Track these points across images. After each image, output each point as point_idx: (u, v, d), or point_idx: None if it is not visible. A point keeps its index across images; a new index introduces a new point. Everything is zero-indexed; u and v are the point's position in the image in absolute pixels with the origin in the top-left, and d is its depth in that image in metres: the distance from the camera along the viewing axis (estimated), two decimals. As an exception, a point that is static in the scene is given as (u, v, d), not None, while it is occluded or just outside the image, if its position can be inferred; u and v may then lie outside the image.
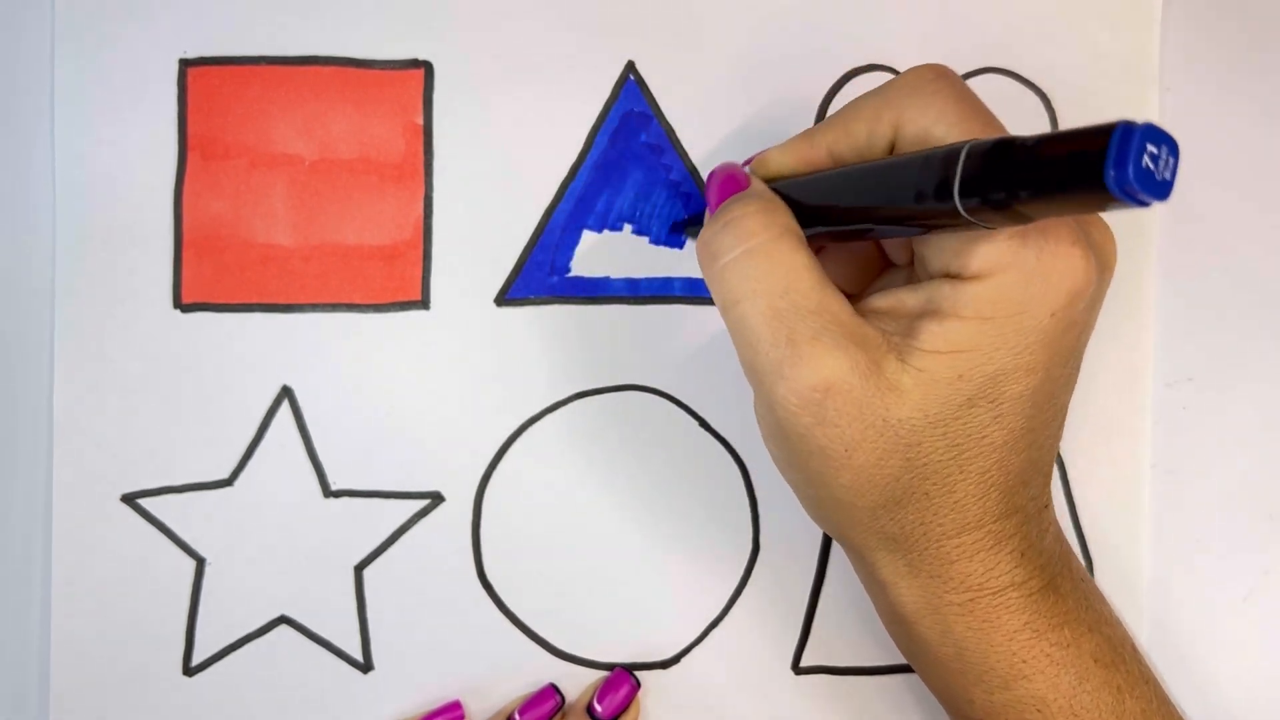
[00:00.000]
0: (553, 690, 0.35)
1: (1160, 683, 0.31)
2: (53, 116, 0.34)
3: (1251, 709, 0.36)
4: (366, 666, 0.35)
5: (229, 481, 0.35)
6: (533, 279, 0.35)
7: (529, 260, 0.35)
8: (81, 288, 0.34)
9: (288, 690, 0.35)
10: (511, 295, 0.35)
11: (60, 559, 0.34)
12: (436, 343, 0.35)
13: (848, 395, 0.26)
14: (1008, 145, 0.22)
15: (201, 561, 0.35)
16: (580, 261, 0.35)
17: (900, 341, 0.26)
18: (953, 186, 0.23)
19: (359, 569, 0.35)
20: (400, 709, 0.35)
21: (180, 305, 0.34)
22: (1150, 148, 0.20)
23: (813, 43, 0.35)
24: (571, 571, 0.35)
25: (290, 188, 0.35)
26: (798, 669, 0.36)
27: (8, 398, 0.35)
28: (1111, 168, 0.20)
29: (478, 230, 0.35)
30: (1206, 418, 0.36)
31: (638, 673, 0.35)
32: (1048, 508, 0.29)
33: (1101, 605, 0.30)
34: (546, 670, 0.35)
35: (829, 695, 0.36)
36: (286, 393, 0.35)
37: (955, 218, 0.24)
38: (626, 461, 0.35)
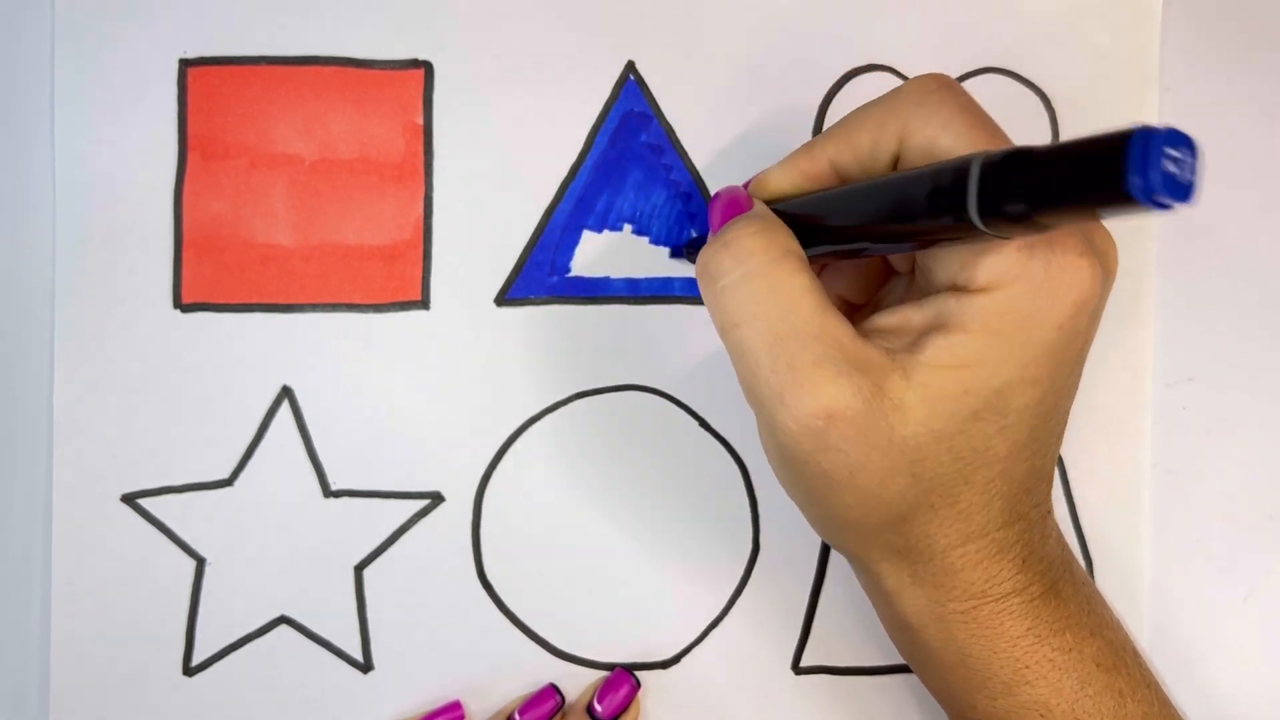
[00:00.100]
0: (553, 690, 0.35)
1: (1161, 685, 0.31)
2: (53, 116, 0.34)
3: (1252, 709, 0.36)
4: (366, 666, 0.35)
5: (229, 481, 0.35)
6: (533, 279, 0.35)
7: (529, 260, 0.35)
8: (81, 288, 0.34)
9: (288, 690, 0.35)
10: (511, 295, 0.35)
11: (60, 559, 0.34)
12: (436, 343, 0.35)
13: (851, 421, 0.25)
14: (1024, 156, 0.22)
15: (201, 561, 0.35)
16: (580, 261, 0.35)
17: (905, 358, 0.26)
18: (966, 200, 0.23)
19: (359, 569, 0.35)
20: (400, 709, 0.35)
21: (180, 305, 0.34)
22: (1171, 151, 0.19)
23: (813, 43, 0.35)
24: (571, 571, 0.35)
25: (290, 188, 0.35)
26: (798, 669, 0.36)
27: (8, 398, 0.35)
28: (1136, 174, 0.19)
29: (478, 230, 0.35)
30: (1206, 418, 0.36)
31: (638, 673, 0.35)
32: (1050, 513, 0.29)
33: (1103, 609, 0.30)
34: (546, 670, 0.35)
35: (829, 695, 0.36)
36: (286, 393, 0.35)
37: (967, 231, 0.23)
38: (626, 461, 0.35)
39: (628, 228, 0.35)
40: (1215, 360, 0.36)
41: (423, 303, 0.35)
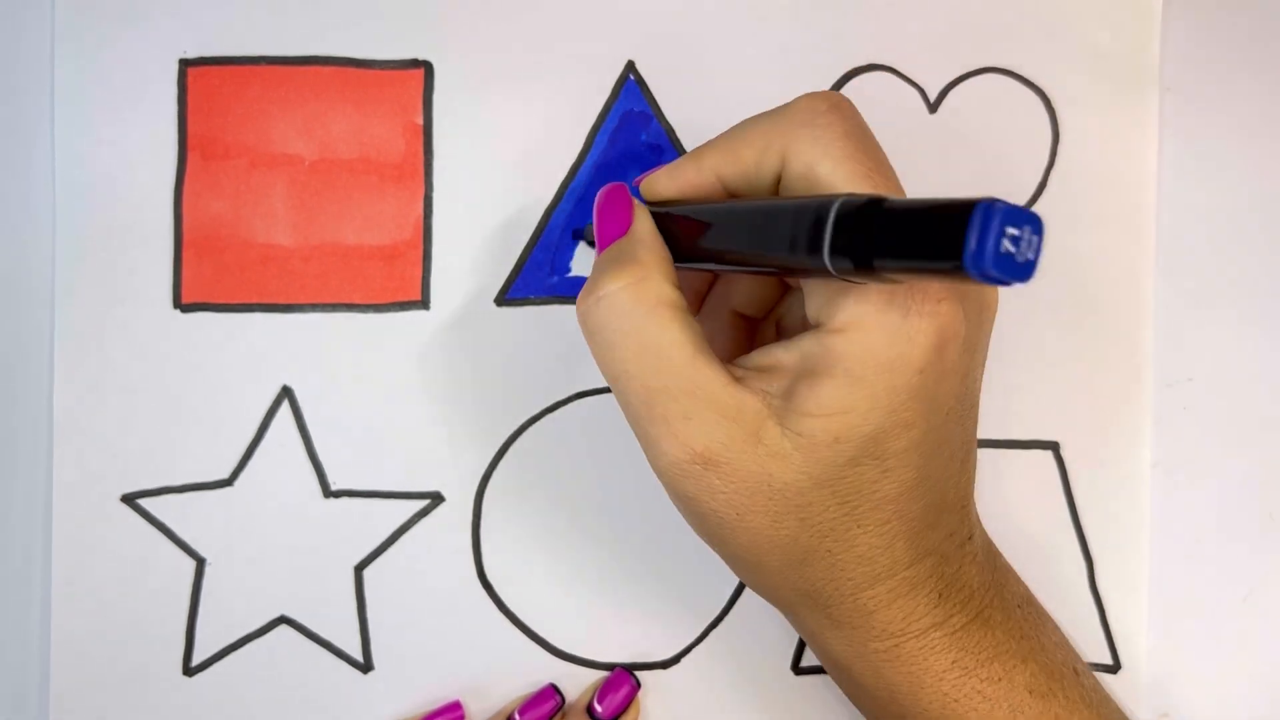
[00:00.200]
0: (553, 690, 0.35)
1: (1108, 703, 0.31)
2: (53, 116, 0.34)
3: (1252, 709, 0.36)
4: (366, 667, 0.35)
5: (229, 481, 0.35)
6: (533, 279, 0.35)
7: (529, 260, 0.35)
8: (81, 288, 0.34)
9: (288, 690, 0.35)
10: (511, 295, 0.35)
11: (60, 559, 0.34)
12: (436, 343, 0.35)
13: (727, 466, 0.26)
14: (875, 206, 0.21)
15: (201, 561, 0.35)
16: (580, 261, 0.35)
17: (780, 405, 0.26)
18: (823, 242, 0.22)
19: (359, 569, 0.35)
20: (400, 709, 0.35)
21: (180, 305, 0.34)
22: (1011, 230, 0.19)
23: (813, 42, 0.35)
24: (571, 571, 0.35)
25: (290, 188, 0.35)
26: (798, 669, 0.36)
27: (8, 398, 0.35)
28: (970, 248, 0.19)
29: (478, 230, 0.35)
30: (1206, 418, 0.36)
31: (638, 673, 0.35)
32: (970, 540, 0.29)
33: (1038, 632, 0.30)
34: (546, 670, 0.35)
35: (829, 695, 0.36)
36: (286, 393, 0.35)
37: (825, 272, 0.23)
38: (626, 461, 0.35)
39: (628, 228, 0.35)
40: (1215, 360, 0.36)
41: (423, 303, 0.35)
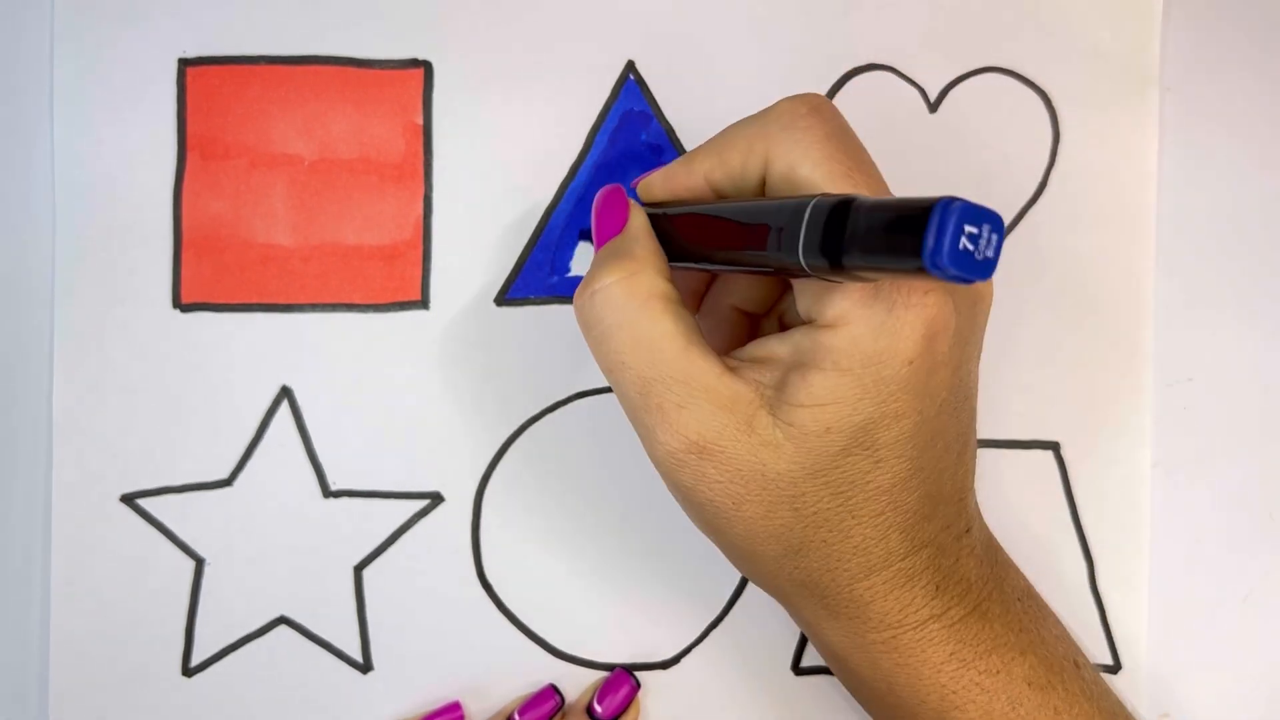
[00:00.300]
0: (553, 690, 0.35)
1: (1109, 696, 0.31)
2: (52, 117, 0.34)
3: (1252, 709, 0.36)
4: (366, 667, 0.35)
5: (228, 482, 0.35)
6: (533, 279, 0.35)
7: (529, 260, 0.35)
8: (81, 288, 0.34)
9: (287, 691, 0.35)
10: (511, 295, 0.35)
11: (60, 559, 0.34)
12: (436, 343, 0.35)
13: (721, 455, 0.26)
14: (845, 206, 0.22)
15: (201, 562, 0.35)
16: (580, 261, 0.35)
17: (773, 395, 0.26)
18: (798, 241, 0.23)
19: (358, 569, 0.35)
20: (400, 709, 0.35)
21: (180, 305, 0.34)
22: (969, 228, 0.19)
23: (813, 42, 0.35)
24: (571, 571, 0.35)
25: (290, 188, 0.35)
26: (798, 669, 0.36)
27: (8, 398, 0.35)
28: (929, 247, 0.19)
29: (478, 230, 0.35)
30: (1206, 418, 0.36)
31: (638, 673, 0.35)
32: (968, 533, 0.29)
33: (1038, 625, 0.30)
34: (546, 670, 0.35)
35: (829, 695, 0.36)
36: (286, 393, 0.35)
37: (804, 271, 0.23)
38: (626, 461, 0.35)
39: (628, 228, 0.35)
40: (1215, 360, 0.36)
41: (423, 303, 0.35)
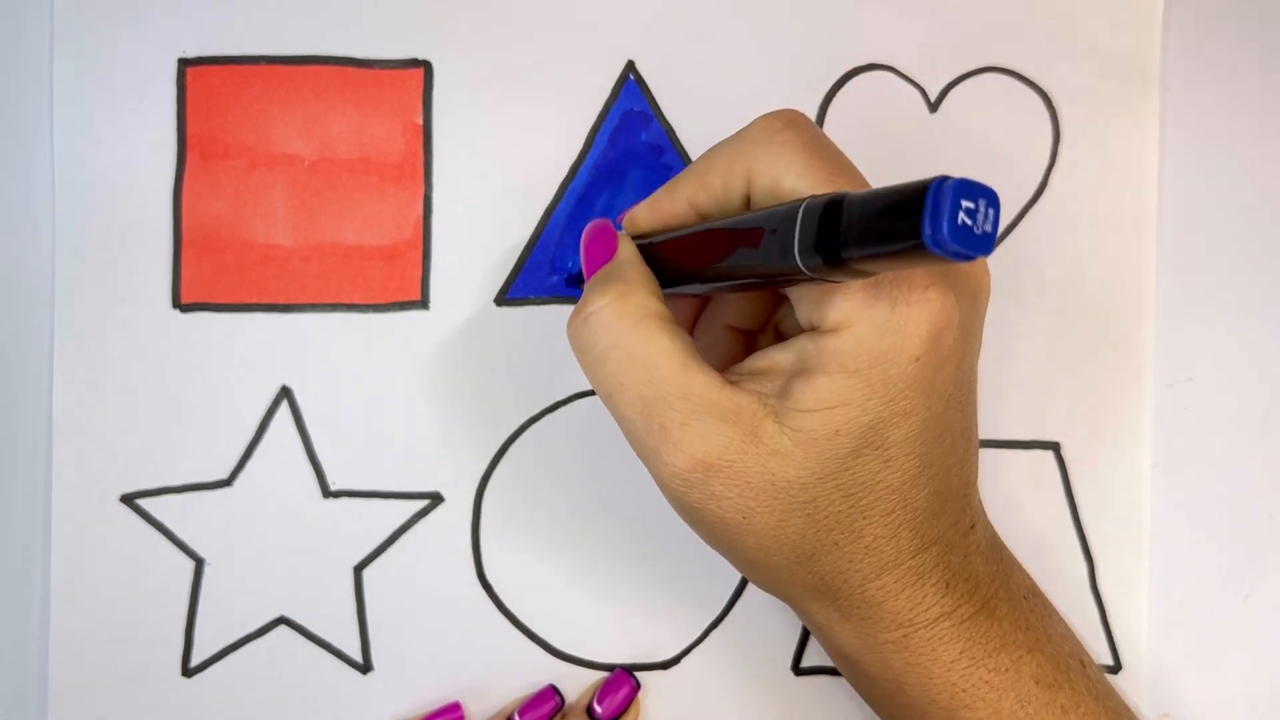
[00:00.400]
0: (552, 691, 0.34)
1: (1113, 695, 0.31)
2: (52, 116, 0.34)
3: (1252, 709, 0.36)
4: (366, 667, 0.35)
5: (228, 482, 0.35)
6: (533, 279, 0.35)
7: (529, 260, 0.35)
8: (81, 288, 0.34)
9: (287, 691, 0.35)
10: (511, 295, 0.35)
11: (60, 559, 0.34)
12: (436, 343, 0.35)
13: (729, 469, 0.26)
14: (838, 202, 0.22)
15: (200, 562, 0.35)
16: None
17: (777, 404, 0.26)
18: (793, 243, 0.23)
19: (358, 569, 0.35)
20: (400, 710, 0.35)
21: (180, 305, 0.34)
22: (966, 203, 0.19)
23: (813, 42, 0.35)
24: (571, 571, 0.35)
25: (290, 188, 0.35)
26: (798, 669, 0.36)
27: (8, 398, 0.35)
28: (928, 225, 0.19)
29: (478, 230, 0.35)
30: (1206, 418, 0.36)
31: (638, 673, 0.35)
32: (973, 529, 0.29)
33: (1044, 623, 0.30)
34: (546, 670, 0.35)
35: (829, 695, 0.36)
36: (286, 393, 0.35)
37: (803, 275, 0.23)
38: (627, 461, 0.35)
39: (628, 228, 0.35)
40: (1215, 360, 0.36)
41: (423, 303, 0.35)
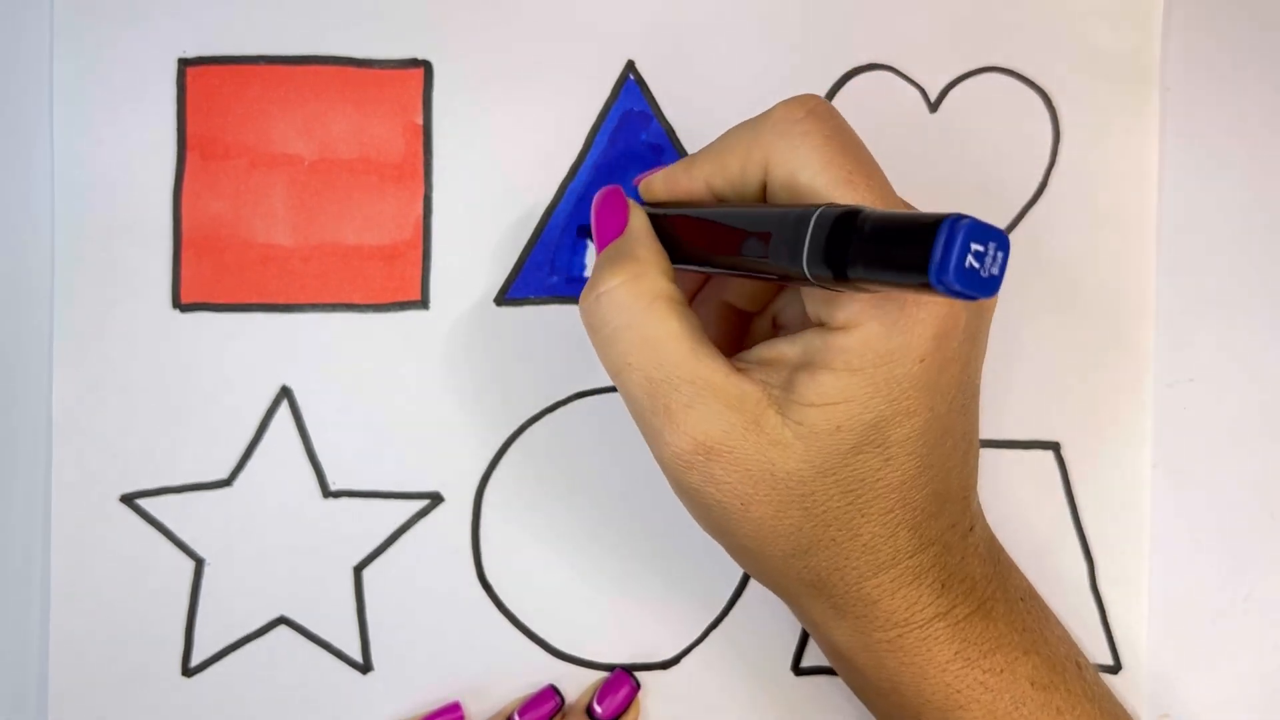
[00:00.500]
0: (552, 691, 0.34)
1: (1110, 698, 0.31)
2: (52, 116, 0.34)
3: (1252, 709, 0.36)
4: (366, 667, 0.35)
5: (228, 482, 0.35)
6: (533, 279, 0.35)
7: (529, 260, 0.35)
8: (81, 288, 0.34)
9: (287, 691, 0.35)
10: (511, 295, 0.35)
11: (60, 559, 0.34)
12: (436, 343, 0.35)
13: (729, 454, 0.26)
14: (850, 218, 0.22)
15: (200, 562, 0.35)
16: (591, 263, 0.35)
17: (780, 395, 0.26)
18: (801, 252, 0.23)
19: (358, 569, 0.35)
20: (400, 710, 0.35)
21: (179, 305, 0.34)
22: (976, 245, 0.19)
23: (813, 42, 0.35)
24: (571, 571, 0.35)
25: (290, 188, 0.34)
26: (798, 669, 0.36)
27: (8, 398, 0.35)
28: (935, 263, 0.19)
29: (478, 230, 0.35)
30: (1206, 418, 0.36)
31: (638, 673, 0.35)
32: (972, 531, 0.29)
33: (1041, 625, 0.30)
34: (546, 670, 0.35)
35: (829, 695, 0.36)
36: (286, 393, 0.35)
37: (809, 281, 0.23)
38: (626, 461, 0.35)
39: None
40: (1215, 360, 0.36)
41: (423, 303, 0.35)
